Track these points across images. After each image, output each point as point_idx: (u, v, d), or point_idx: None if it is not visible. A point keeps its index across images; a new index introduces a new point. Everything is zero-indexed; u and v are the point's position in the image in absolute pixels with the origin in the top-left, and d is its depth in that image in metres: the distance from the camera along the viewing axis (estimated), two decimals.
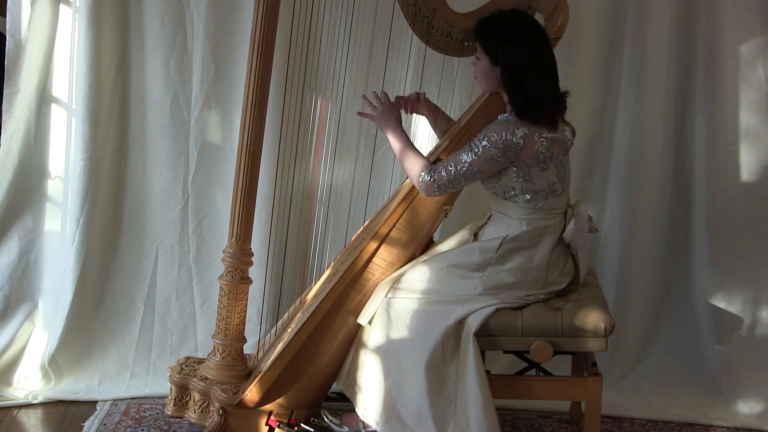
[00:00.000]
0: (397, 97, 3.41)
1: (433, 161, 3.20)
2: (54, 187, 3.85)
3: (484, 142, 3.08)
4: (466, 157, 3.10)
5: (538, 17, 3.32)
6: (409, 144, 3.24)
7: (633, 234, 3.86)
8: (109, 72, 3.75)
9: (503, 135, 3.06)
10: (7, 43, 3.69)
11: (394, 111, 3.29)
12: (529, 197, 3.15)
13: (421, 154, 3.22)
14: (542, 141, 3.08)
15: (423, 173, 3.16)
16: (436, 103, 3.49)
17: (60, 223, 3.86)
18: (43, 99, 3.79)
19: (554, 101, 3.11)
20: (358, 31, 3.44)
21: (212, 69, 3.76)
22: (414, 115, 3.66)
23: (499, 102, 3.23)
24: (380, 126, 3.30)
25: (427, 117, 3.48)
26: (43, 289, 3.87)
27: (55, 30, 3.75)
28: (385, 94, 3.32)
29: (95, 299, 3.86)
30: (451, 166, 3.12)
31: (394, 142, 3.26)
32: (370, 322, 3.20)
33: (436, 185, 3.15)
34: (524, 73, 3.05)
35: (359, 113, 3.36)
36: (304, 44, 3.42)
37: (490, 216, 3.28)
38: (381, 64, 3.52)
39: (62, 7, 3.73)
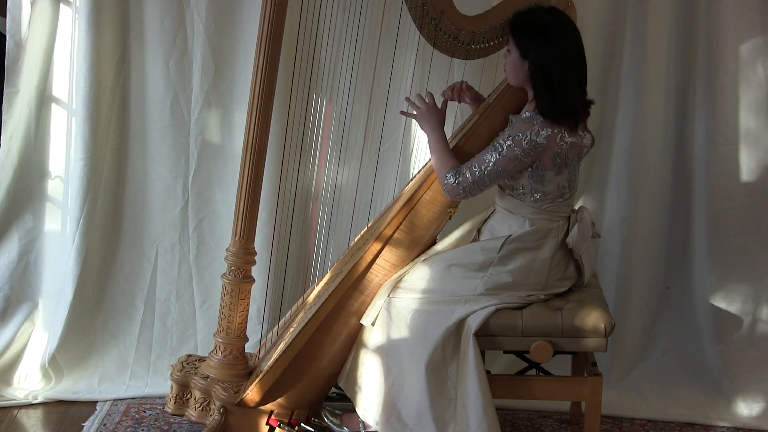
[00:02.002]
0: (448, 89, 3.42)
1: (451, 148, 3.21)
2: (54, 187, 3.85)
3: (508, 142, 3.07)
4: (490, 157, 3.10)
5: None
6: (444, 146, 3.23)
7: (633, 234, 3.86)
8: (109, 72, 3.74)
9: (528, 135, 3.05)
10: (7, 43, 3.69)
11: (436, 111, 3.28)
12: (537, 197, 3.15)
13: (453, 157, 3.20)
14: (563, 144, 3.07)
15: (449, 175, 3.15)
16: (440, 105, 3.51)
17: (60, 223, 3.86)
18: (43, 99, 3.79)
19: (579, 104, 3.11)
20: (364, 31, 3.44)
21: (212, 69, 3.75)
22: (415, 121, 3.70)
23: (518, 93, 3.23)
24: (421, 125, 3.30)
25: (470, 105, 3.48)
26: (43, 289, 3.87)
27: (55, 30, 3.75)
28: (430, 94, 3.31)
29: (95, 299, 3.86)
30: (475, 167, 3.12)
31: (431, 142, 3.25)
32: (373, 324, 3.20)
33: (460, 187, 3.14)
34: (553, 72, 3.04)
35: (402, 112, 3.35)
36: (311, 43, 3.43)
37: (494, 211, 3.28)
38: (387, 65, 3.53)
39: (62, 7, 3.73)
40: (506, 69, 3.21)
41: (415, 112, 3.30)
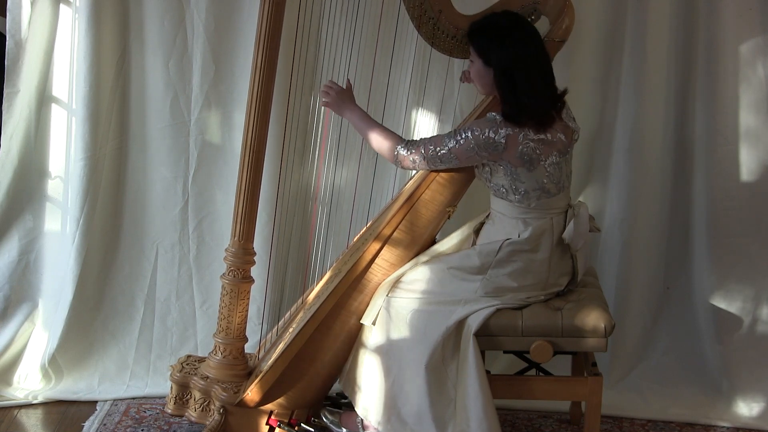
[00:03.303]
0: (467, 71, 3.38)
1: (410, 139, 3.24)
2: (54, 187, 3.85)
3: (467, 134, 3.09)
4: (448, 142, 3.12)
5: (544, 20, 3.32)
6: (373, 121, 3.27)
7: (633, 234, 3.86)
8: (109, 72, 3.75)
9: (486, 132, 3.06)
10: (7, 43, 3.69)
11: (346, 92, 3.30)
12: (519, 197, 3.14)
13: (388, 129, 3.25)
14: (527, 143, 3.07)
15: (399, 146, 3.19)
16: (439, 105, 3.51)
17: (60, 223, 3.86)
18: (43, 99, 3.79)
19: (548, 102, 3.11)
20: (363, 31, 3.45)
21: (212, 69, 3.76)
22: (414, 114, 3.69)
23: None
24: (338, 110, 3.31)
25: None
26: (43, 289, 3.87)
27: (55, 30, 3.75)
28: (332, 81, 3.32)
29: (95, 299, 3.86)
30: (431, 146, 3.15)
31: (358, 121, 3.27)
32: (374, 323, 3.20)
33: (410, 158, 3.18)
34: (516, 75, 3.05)
35: (322, 103, 3.35)
36: (309, 44, 3.43)
37: (489, 214, 3.28)
38: (385, 64, 3.52)
39: (62, 7, 3.73)
40: (473, 79, 3.22)
41: (327, 100, 3.30)
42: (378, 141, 3.24)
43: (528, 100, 3.05)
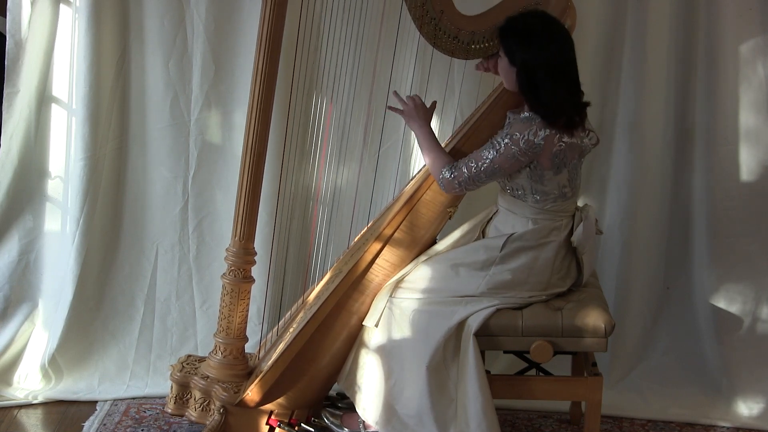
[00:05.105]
0: (483, 59, 3.36)
1: (453, 155, 3.21)
2: (54, 187, 3.85)
3: (506, 140, 3.08)
4: (488, 154, 3.10)
5: None
6: (434, 142, 3.25)
7: (633, 234, 3.86)
8: (109, 72, 3.75)
9: (526, 135, 3.05)
10: (7, 43, 3.69)
11: (424, 109, 3.30)
12: (538, 198, 3.15)
13: (445, 153, 3.22)
14: (561, 144, 3.07)
15: (444, 170, 3.17)
16: (441, 105, 3.54)
17: (60, 223, 3.86)
18: (43, 99, 3.79)
19: (570, 109, 3.09)
20: (364, 31, 3.44)
21: (212, 69, 3.76)
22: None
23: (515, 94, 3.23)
24: (408, 121, 3.32)
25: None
26: (43, 289, 3.87)
27: (55, 30, 3.75)
28: (418, 96, 3.32)
29: (95, 299, 3.86)
30: (472, 163, 3.12)
31: (420, 139, 3.27)
32: (377, 325, 3.20)
33: (456, 182, 3.15)
34: (539, 79, 3.04)
35: (389, 107, 3.36)
36: (310, 44, 3.42)
37: (497, 211, 3.28)
38: (387, 65, 3.53)
39: (62, 7, 3.73)
40: (500, 73, 3.22)
41: (402, 108, 3.31)
42: (431, 162, 3.23)
43: (548, 104, 3.05)
